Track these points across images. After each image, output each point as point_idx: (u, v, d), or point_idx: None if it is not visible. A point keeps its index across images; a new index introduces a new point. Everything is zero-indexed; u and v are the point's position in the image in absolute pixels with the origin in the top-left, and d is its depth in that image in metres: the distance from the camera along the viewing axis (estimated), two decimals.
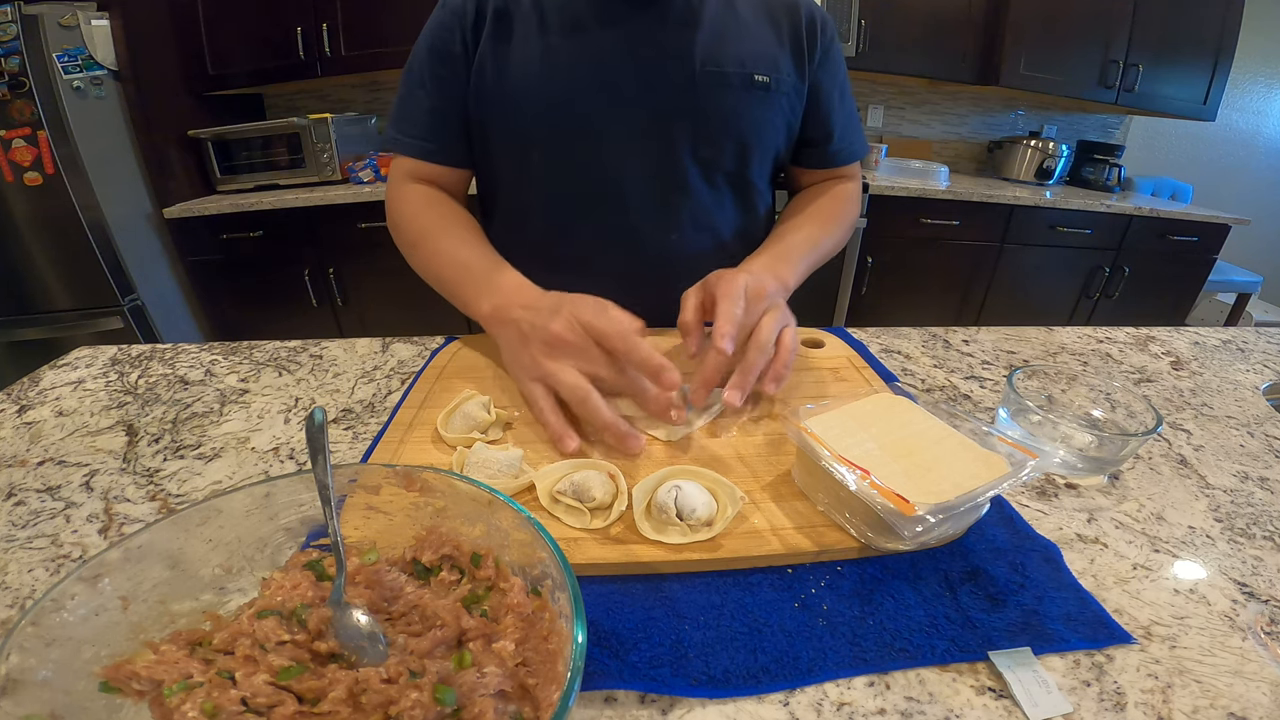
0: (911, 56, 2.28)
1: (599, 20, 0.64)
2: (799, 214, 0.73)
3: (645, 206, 0.69)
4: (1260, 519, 0.43)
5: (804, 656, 0.31)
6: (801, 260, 0.65)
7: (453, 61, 0.65)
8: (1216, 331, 0.78)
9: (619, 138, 0.66)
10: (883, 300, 2.33)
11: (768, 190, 0.79)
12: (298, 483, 0.32)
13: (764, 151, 0.72)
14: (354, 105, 2.51)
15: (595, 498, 0.39)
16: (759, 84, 0.67)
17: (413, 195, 0.70)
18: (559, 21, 0.64)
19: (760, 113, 0.68)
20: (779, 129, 0.71)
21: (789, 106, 0.70)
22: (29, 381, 0.61)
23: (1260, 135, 2.99)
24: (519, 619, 0.28)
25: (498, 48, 0.64)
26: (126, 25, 1.84)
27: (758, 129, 0.69)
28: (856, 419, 0.42)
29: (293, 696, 0.24)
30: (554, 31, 0.64)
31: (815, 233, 0.70)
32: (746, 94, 0.67)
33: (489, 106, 0.66)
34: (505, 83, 0.64)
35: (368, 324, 2.23)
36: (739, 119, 0.68)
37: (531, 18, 0.64)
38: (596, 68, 0.64)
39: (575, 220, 0.70)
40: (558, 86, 0.64)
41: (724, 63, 0.65)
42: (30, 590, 0.36)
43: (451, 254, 0.64)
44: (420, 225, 0.67)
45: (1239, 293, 2.66)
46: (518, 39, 0.64)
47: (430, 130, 0.68)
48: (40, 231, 1.84)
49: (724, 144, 0.68)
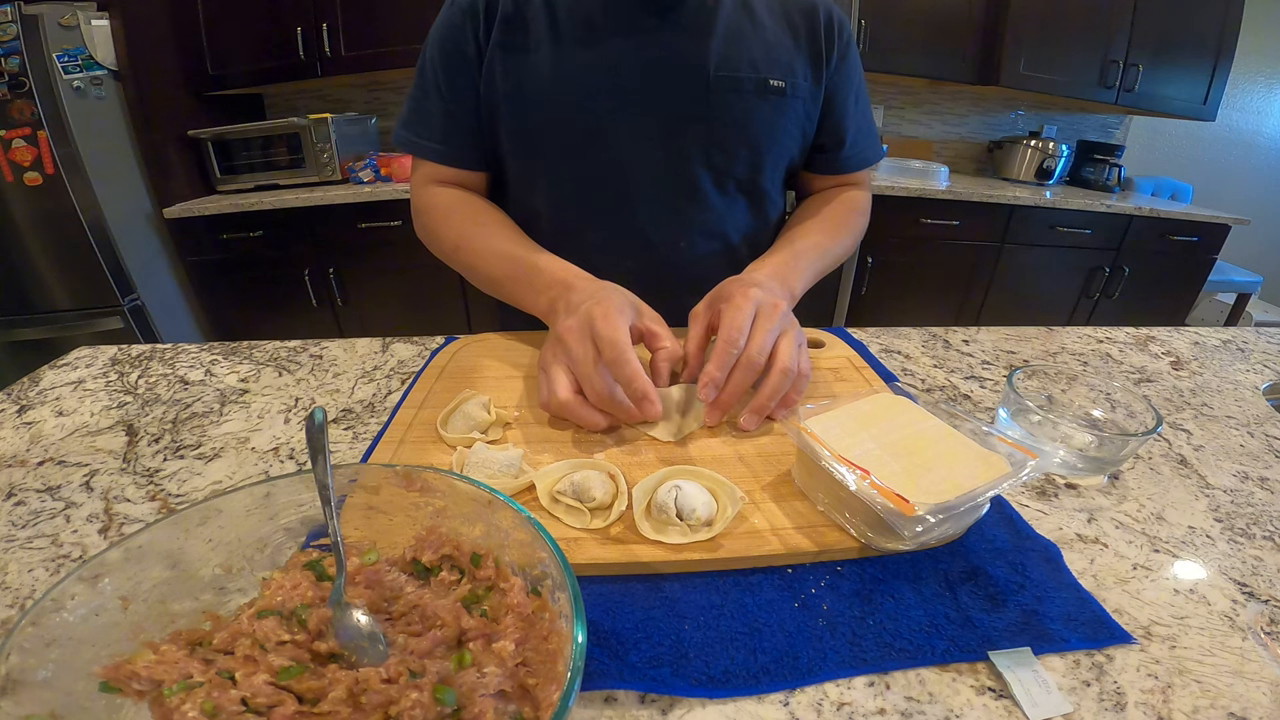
0: (911, 56, 2.28)
1: (611, 24, 0.63)
2: (809, 219, 0.71)
3: (656, 212, 0.68)
4: (1260, 519, 0.43)
5: (804, 656, 0.31)
6: (809, 268, 0.64)
7: (465, 63, 0.65)
8: (1216, 331, 0.78)
9: (630, 143, 0.65)
10: (883, 300, 2.33)
11: (780, 197, 0.77)
12: (298, 483, 0.32)
13: (777, 158, 0.71)
14: (354, 105, 2.51)
15: (595, 498, 0.39)
16: (774, 89, 0.65)
17: (441, 200, 0.69)
18: (571, 24, 0.63)
19: (775, 118, 0.67)
20: (793, 135, 0.70)
21: (804, 112, 0.69)
22: (29, 381, 0.61)
23: (1260, 135, 2.99)
24: (519, 619, 0.28)
25: (509, 49, 0.63)
26: (126, 25, 1.85)
27: (772, 135, 0.68)
28: (856, 419, 0.42)
29: (293, 696, 0.24)
30: (566, 34, 0.63)
31: (824, 240, 0.68)
32: (761, 99, 0.65)
33: (499, 109, 0.65)
34: (515, 85, 0.64)
35: (368, 324, 2.23)
36: (753, 125, 0.66)
37: (543, 19, 0.63)
38: (608, 72, 0.63)
39: (585, 225, 0.70)
40: (569, 90, 0.63)
41: (738, 67, 0.64)
42: (30, 590, 0.36)
43: (492, 251, 0.63)
44: (456, 229, 0.67)
45: (1239, 293, 2.66)
46: (529, 41, 0.63)
47: (446, 134, 0.68)
48: (40, 231, 1.84)
49: (737, 150, 0.67)
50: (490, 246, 0.64)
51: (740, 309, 0.48)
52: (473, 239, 0.65)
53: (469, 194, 0.70)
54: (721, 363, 0.46)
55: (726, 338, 0.47)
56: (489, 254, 0.64)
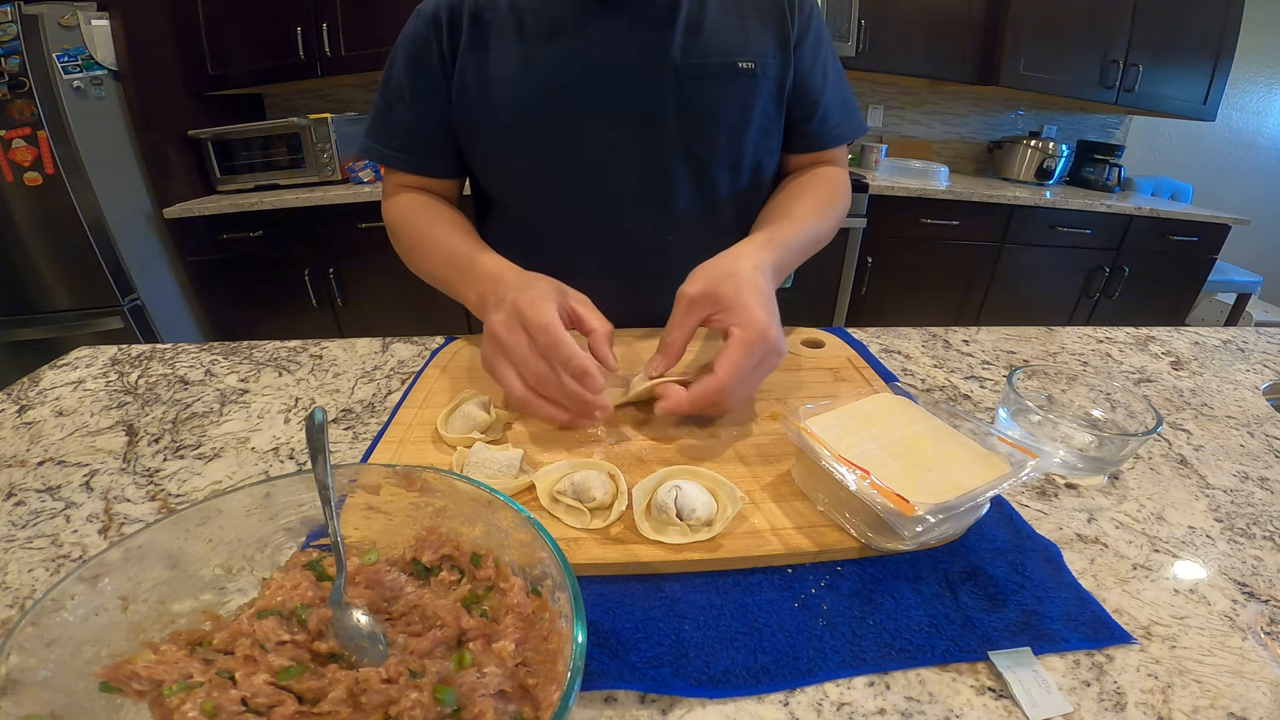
0: (911, 56, 2.27)
1: (576, 23, 0.62)
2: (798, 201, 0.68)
3: (638, 208, 0.68)
4: (1260, 519, 0.43)
5: (804, 656, 0.31)
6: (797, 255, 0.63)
7: (430, 73, 0.65)
8: (1216, 331, 0.78)
9: (604, 141, 0.65)
10: (883, 300, 2.33)
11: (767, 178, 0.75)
12: (298, 483, 0.32)
13: (757, 140, 0.69)
14: (354, 105, 2.50)
15: (595, 498, 0.39)
16: (744, 71, 0.64)
17: (404, 202, 0.69)
18: (536, 26, 0.63)
19: (748, 101, 0.66)
20: (770, 115, 0.69)
21: (777, 90, 0.68)
22: (29, 381, 0.61)
23: (1260, 135, 2.99)
24: (519, 619, 0.28)
25: (477, 55, 0.63)
26: (126, 25, 1.84)
27: (748, 118, 0.67)
28: (856, 419, 0.42)
29: (293, 696, 0.24)
30: (531, 36, 0.63)
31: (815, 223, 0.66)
32: (732, 83, 0.64)
33: (471, 115, 0.65)
34: (485, 90, 0.64)
35: (368, 324, 2.23)
36: (727, 111, 0.65)
37: (509, 23, 0.63)
38: (576, 71, 0.63)
39: (567, 224, 0.70)
40: (536, 92, 0.63)
41: (705, 54, 0.63)
42: (30, 590, 0.36)
43: (439, 249, 0.64)
44: (412, 228, 0.67)
45: (1239, 293, 2.66)
46: (495, 45, 0.63)
47: (410, 144, 0.68)
48: (40, 231, 1.84)
49: (715, 138, 0.66)
50: (438, 245, 0.64)
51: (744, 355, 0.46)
52: (424, 239, 0.66)
53: (428, 197, 0.70)
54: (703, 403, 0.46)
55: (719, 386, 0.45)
56: (435, 252, 0.64)
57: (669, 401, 0.46)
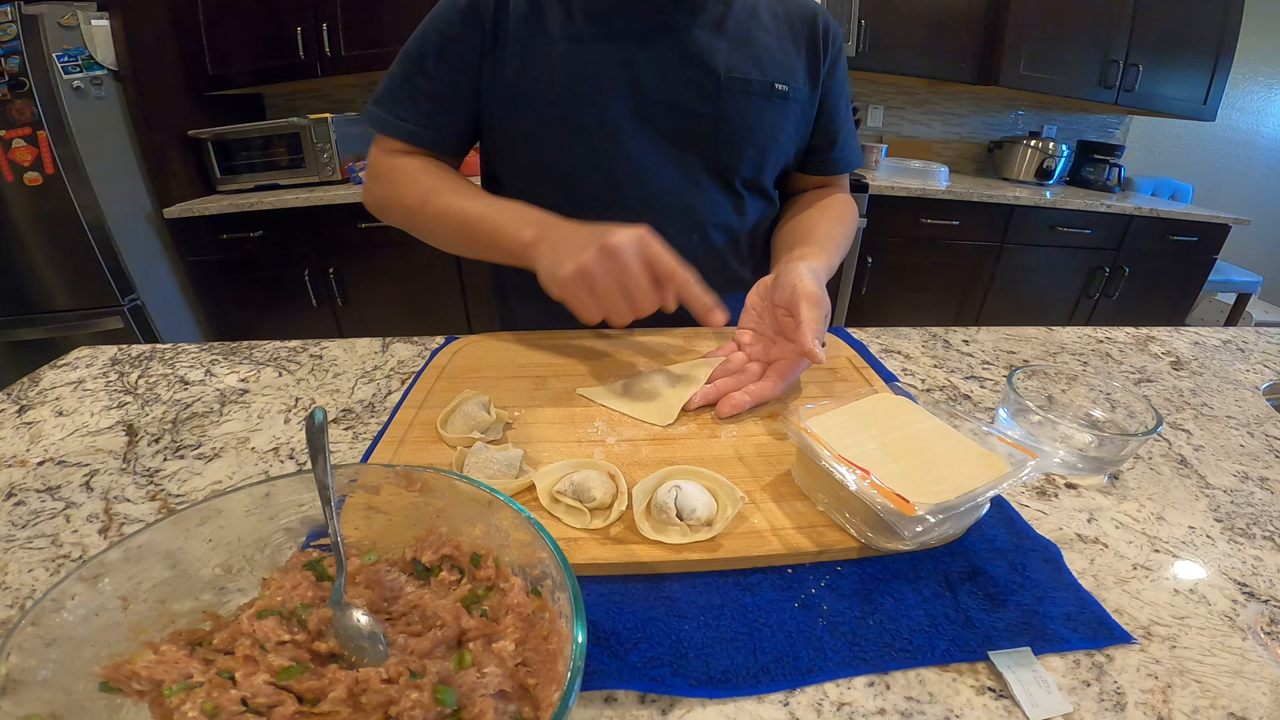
0: (911, 56, 2.27)
1: (627, 22, 0.64)
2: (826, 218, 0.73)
3: (661, 208, 0.69)
4: (1260, 519, 0.43)
5: (804, 656, 0.31)
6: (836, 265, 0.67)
7: (466, 51, 0.64)
8: (1216, 331, 0.78)
9: (640, 140, 0.66)
10: (883, 300, 2.33)
11: (775, 195, 0.80)
12: (298, 483, 0.32)
13: (777, 158, 0.73)
14: (354, 105, 2.50)
15: (595, 498, 0.39)
16: (779, 93, 0.68)
17: (408, 164, 0.68)
18: (587, 20, 0.64)
19: (778, 121, 0.70)
20: (792, 137, 0.72)
21: (802, 115, 0.72)
22: (29, 381, 0.61)
23: (1260, 135, 2.99)
24: (519, 619, 0.28)
25: (524, 41, 0.64)
26: (126, 25, 1.84)
27: (774, 136, 0.70)
28: (856, 419, 0.42)
29: (293, 696, 0.24)
30: (581, 30, 0.64)
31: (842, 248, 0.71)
32: (767, 102, 0.68)
33: (508, 100, 0.66)
34: (528, 77, 0.64)
35: (368, 324, 2.23)
36: (759, 127, 0.69)
37: (559, 14, 0.64)
38: (622, 69, 0.64)
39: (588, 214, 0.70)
40: (582, 85, 0.64)
41: (747, 70, 0.66)
42: (30, 590, 0.36)
43: (467, 205, 0.63)
44: (423, 188, 0.66)
45: (1239, 293, 2.66)
46: (543, 29, 0.64)
47: (427, 116, 0.67)
48: (40, 231, 1.84)
49: (744, 150, 0.69)
50: (459, 200, 0.64)
51: (820, 303, 0.52)
52: (442, 192, 0.65)
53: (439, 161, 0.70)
54: (792, 367, 0.53)
55: (804, 340, 0.50)
56: (466, 197, 0.64)
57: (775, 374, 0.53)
